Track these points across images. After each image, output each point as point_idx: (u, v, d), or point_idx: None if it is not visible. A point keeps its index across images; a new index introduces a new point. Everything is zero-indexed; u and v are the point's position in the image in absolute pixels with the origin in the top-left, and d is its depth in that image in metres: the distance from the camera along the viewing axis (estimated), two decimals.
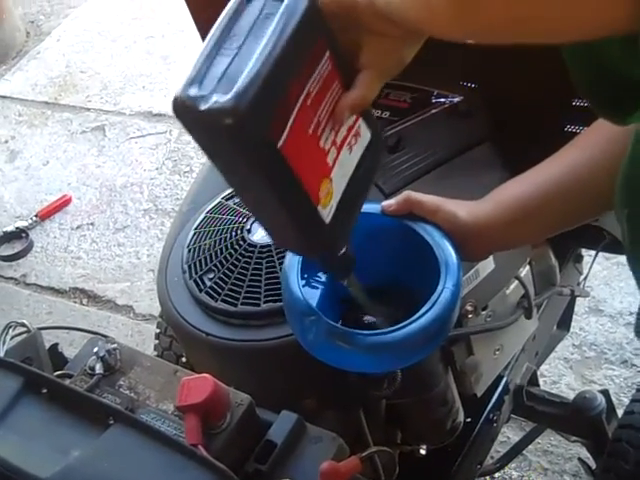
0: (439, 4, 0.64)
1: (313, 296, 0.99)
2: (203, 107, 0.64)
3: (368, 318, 1.02)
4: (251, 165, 0.70)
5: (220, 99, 0.64)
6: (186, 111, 0.66)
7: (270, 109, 0.67)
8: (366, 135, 0.83)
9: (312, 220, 0.78)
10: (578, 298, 1.73)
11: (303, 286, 0.96)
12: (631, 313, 2.33)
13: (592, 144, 0.99)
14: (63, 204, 3.22)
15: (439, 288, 0.94)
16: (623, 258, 0.88)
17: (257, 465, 0.96)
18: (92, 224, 3.13)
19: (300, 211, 0.76)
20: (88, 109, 3.74)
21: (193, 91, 0.65)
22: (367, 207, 1.03)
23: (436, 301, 0.93)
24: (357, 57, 0.77)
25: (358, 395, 1.15)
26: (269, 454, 0.96)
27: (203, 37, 1.62)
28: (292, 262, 0.99)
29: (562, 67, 1.53)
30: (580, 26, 0.60)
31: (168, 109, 3.59)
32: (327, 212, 0.79)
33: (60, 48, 4.20)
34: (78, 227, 3.13)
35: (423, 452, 1.31)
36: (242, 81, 0.64)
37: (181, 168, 3.26)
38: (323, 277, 1.03)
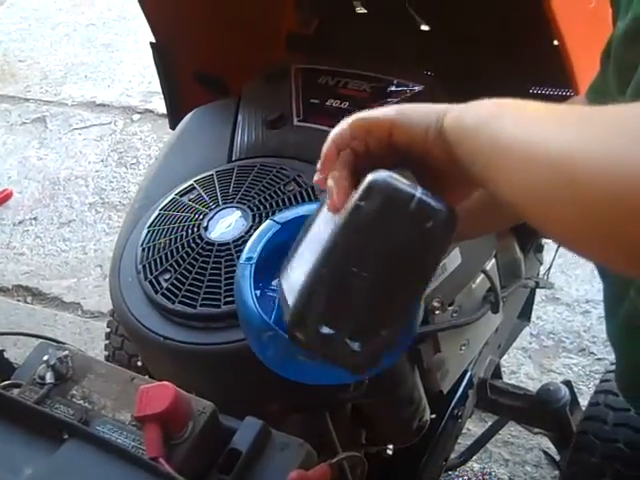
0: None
1: (270, 307, 0.94)
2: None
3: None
4: None
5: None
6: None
7: None
8: None
9: None
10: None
11: (258, 297, 0.91)
12: (587, 301, 2.34)
13: None
14: (4, 198, 3.12)
15: None
16: None
17: (221, 475, 0.91)
18: (35, 219, 3.04)
19: None
20: (27, 99, 3.64)
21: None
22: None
23: None
24: None
25: (324, 398, 1.11)
26: (234, 463, 0.92)
27: (154, 30, 1.56)
28: (244, 272, 0.93)
29: (519, 54, 1.52)
30: None
31: (112, 99, 3.51)
32: None
33: None
34: (20, 222, 3.04)
35: (390, 452, 1.28)
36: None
37: (127, 160, 3.18)
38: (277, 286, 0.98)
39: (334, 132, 0.76)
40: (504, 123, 0.61)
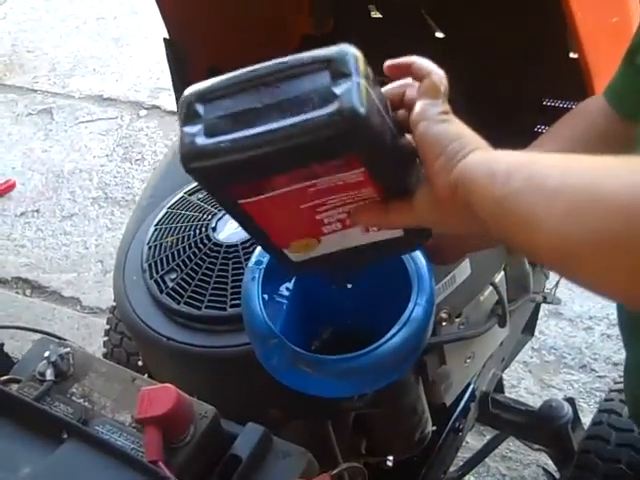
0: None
1: (276, 313, 0.93)
2: (185, 143, 0.66)
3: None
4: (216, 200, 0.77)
5: (200, 141, 0.65)
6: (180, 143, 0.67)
7: (231, 178, 0.68)
8: (395, 231, 0.78)
9: (278, 252, 0.80)
10: None
11: (265, 302, 0.90)
12: (590, 317, 2.32)
13: (566, 137, 0.96)
14: (6, 189, 3.09)
15: (410, 305, 0.88)
16: None
17: None
18: (37, 211, 3.02)
19: (265, 243, 0.79)
20: (35, 90, 3.62)
21: (194, 128, 0.66)
22: None
23: (407, 320, 0.87)
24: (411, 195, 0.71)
25: (327, 406, 1.09)
26: (234, 470, 0.90)
27: (168, 27, 1.55)
28: (253, 276, 0.92)
29: (534, 65, 1.50)
30: None
31: (120, 94, 3.49)
32: (297, 256, 0.80)
33: (6, 26, 4.06)
34: (22, 214, 3.02)
35: (389, 464, 1.26)
36: (227, 138, 0.64)
37: (132, 155, 3.16)
38: (286, 291, 0.96)
39: (425, 62, 0.75)
40: (543, 169, 0.59)
